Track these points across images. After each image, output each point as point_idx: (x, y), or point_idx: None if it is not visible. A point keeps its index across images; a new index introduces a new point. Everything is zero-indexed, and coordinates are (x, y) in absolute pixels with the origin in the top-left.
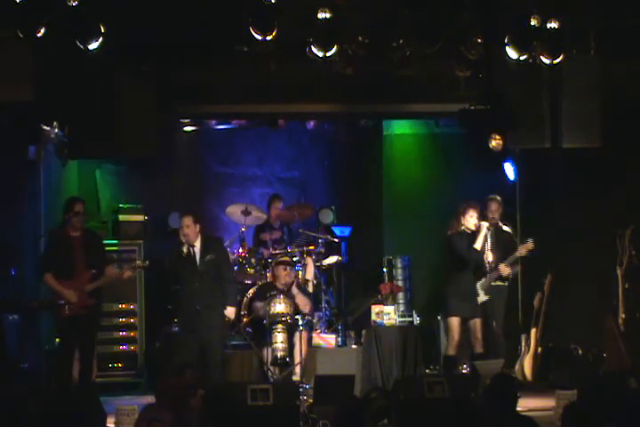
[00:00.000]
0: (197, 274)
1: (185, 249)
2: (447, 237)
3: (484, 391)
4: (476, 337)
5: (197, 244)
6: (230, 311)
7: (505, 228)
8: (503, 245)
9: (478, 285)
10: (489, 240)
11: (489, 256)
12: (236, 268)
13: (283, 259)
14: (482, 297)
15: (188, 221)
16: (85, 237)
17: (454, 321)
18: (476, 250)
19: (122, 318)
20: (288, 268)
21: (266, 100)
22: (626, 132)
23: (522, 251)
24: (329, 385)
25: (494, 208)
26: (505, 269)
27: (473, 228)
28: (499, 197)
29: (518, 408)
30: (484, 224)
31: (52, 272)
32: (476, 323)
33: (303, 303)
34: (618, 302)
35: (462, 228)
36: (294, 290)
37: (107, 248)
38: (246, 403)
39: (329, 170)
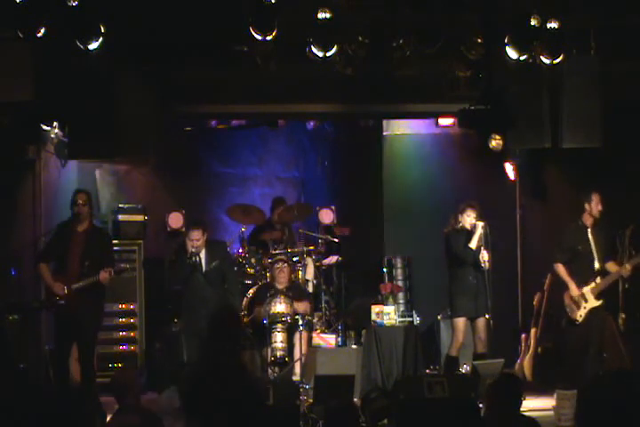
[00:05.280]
0: (203, 280)
1: (190, 257)
2: (444, 234)
3: (487, 391)
4: (479, 337)
5: (203, 250)
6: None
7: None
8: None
9: (588, 289)
10: (483, 239)
11: (484, 255)
12: (235, 268)
13: (277, 258)
14: (592, 303)
15: (197, 234)
16: (89, 233)
17: (460, 322)
18: (471, 249)
19: (122, 318)
20: (282, 264)
21: (266, 100)
22: (626, 132)
23: None
24: (329, 385)
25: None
26: (627, 269)
27: (468, 227)
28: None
29: None
30: (480, 224)
31: (47, 263)
32: (481, 322)
33: (301, 307)
34: (618, 302)
35: (459, 226)
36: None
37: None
38: None
39: (329, 170)
